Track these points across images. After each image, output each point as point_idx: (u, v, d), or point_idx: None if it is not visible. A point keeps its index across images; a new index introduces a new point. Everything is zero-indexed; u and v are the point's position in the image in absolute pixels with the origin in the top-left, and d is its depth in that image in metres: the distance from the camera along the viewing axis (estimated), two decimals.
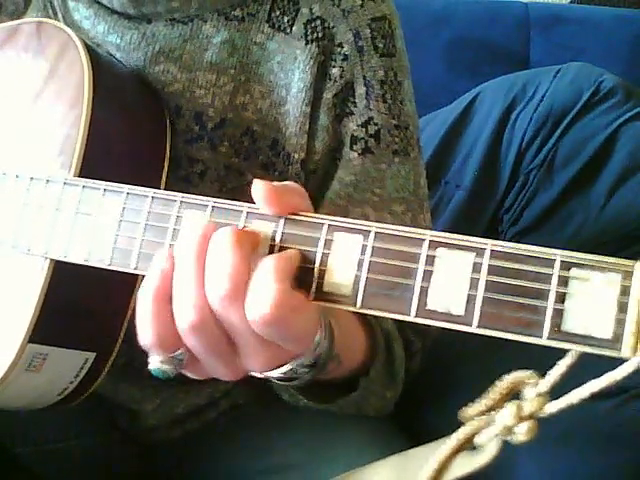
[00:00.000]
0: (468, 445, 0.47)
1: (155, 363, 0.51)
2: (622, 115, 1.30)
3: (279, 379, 0.58)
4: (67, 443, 0.83)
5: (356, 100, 0.76)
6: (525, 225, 1.30)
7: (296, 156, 0.76)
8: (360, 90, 0.76)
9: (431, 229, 0.49)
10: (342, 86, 0.76)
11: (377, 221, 0.48)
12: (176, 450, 0.87)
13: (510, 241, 0.44)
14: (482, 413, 0.46)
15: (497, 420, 0.44)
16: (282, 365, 0.54)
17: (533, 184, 1.31)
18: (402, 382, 0.79)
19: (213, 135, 0.74)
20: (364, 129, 0.77)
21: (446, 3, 1.70)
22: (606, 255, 0.42)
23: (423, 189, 0.82)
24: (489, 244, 0.43)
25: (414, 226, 0.47)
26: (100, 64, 0.67)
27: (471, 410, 0.46)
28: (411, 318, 0.44)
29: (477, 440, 0.46)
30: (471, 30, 1.66)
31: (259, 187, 0.50)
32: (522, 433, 0.44)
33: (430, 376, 0.87)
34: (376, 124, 0.77)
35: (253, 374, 0.57)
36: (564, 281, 0.41)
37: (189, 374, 0.54)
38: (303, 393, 0.71)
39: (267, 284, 0.46)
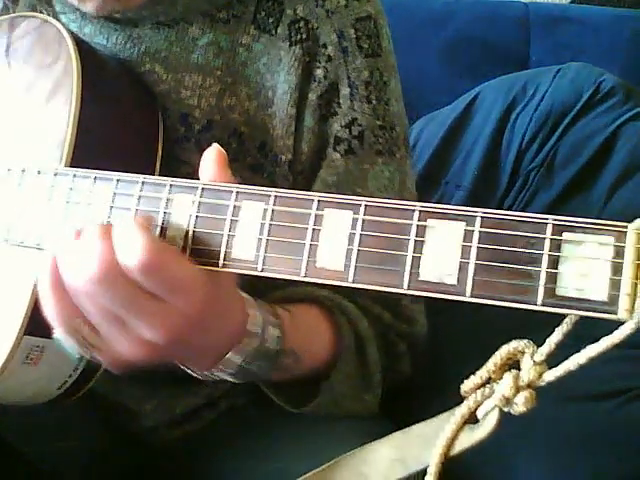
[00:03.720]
0: (470, 419, 0.47)
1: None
2: (622, 115, 1.30)
3: (234, 376, 0.61)
4: (67, 443, 0.82)
5: (340, 101, 0.76)
6: None
7: (283, 158, 0.76)
8: (344, 91, 0.76)
9: None
10: (327, 87, 0.76)
11: None
12: (176, 451, 0.86)
13: None
14: (481, 385, 0.45)
15: (496, 391, 0.44)
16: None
17: (533, 184, 1.30)
18: (380, 384, 0.78)
19: (200, 137, 0.74)
20: (348, 130, 0.76)
21: (446, 3, 1.70)
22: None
23: (410, 189, 0.82)
24: (479, 212, 0.43)
25: None
26: (89, 57, 0.67)
27: (470, 383, 0.46)
28: (404, 290, 0.44)
29: (477, 413, 0.45)
30: (471, 30, 1.65)
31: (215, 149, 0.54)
32: (521, 403, 0.43)
33: (423, 374, 0.87)
34: (360, 125, 0.77)
35: (196, 375, 0.61)
36: (557, 245, 0.40)
37: (102, 361, 0.55)
38: (279, 396, 0.73)
39: (132, 234, 0.49)
